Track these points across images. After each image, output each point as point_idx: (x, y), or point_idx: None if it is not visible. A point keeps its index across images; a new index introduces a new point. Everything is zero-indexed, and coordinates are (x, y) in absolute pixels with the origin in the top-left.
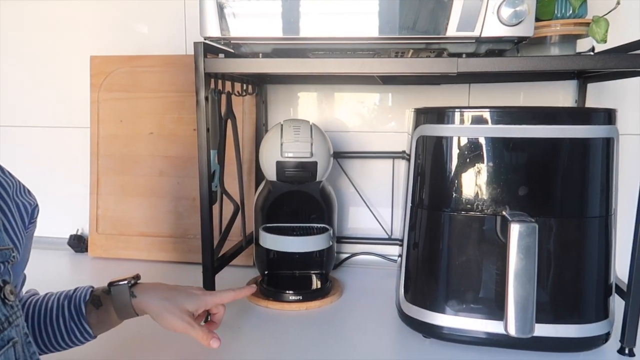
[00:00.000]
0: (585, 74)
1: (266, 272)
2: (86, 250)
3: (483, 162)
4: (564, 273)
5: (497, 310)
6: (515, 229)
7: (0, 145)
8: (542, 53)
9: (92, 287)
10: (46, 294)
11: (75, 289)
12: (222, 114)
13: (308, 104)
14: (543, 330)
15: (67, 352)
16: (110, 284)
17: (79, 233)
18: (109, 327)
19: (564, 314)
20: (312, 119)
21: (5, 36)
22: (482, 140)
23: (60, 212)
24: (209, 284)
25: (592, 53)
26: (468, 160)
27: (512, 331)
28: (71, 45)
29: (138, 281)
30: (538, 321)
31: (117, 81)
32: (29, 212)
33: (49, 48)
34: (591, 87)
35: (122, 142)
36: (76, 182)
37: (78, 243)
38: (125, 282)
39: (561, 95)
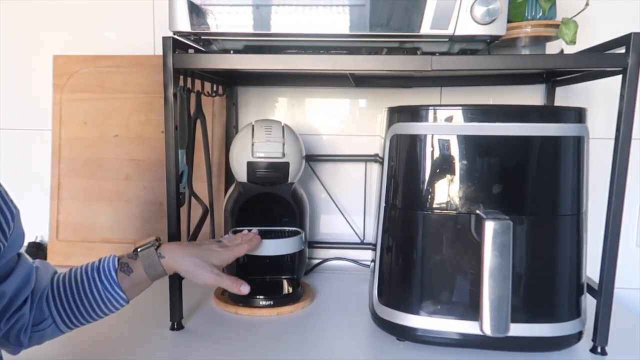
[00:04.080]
0: (554, 77)
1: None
2: (45, 259)
3: (457, 160)
4: (537, 272)
5: (471, 311)
6: (489, 227)
7: None
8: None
9: (116, 255)
10: (70, 270)
11: (100, 260)
12: (191, 113)
13: (280, 107)
14: (517, 330)
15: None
16: (136, 249)
17: (38, 240)
18: (142, 289)
19: (538, 313)
20: (284, 121)
21: None
22: (455, 138)
23: None
24: (175, 290)
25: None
26: (442, 158)
27: (488, 330)
28: (32, 44)
29: (160, 242)
30: (512, 321)
31: (81, 81)
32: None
33: (8, 47)
34: (559, 91)
35: (86, 145)
36: (35, 186)
37: (37, 251)
38: (150, 245)
39: (530, 99)
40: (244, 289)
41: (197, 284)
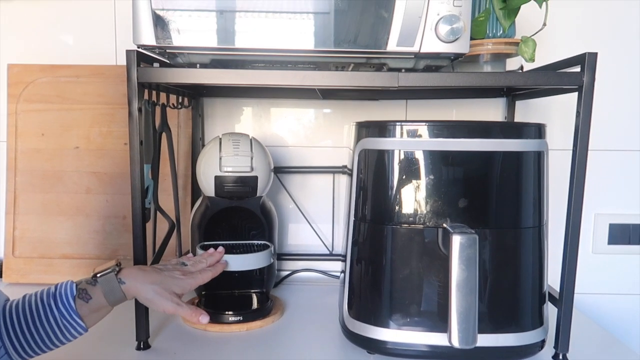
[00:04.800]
0: (514, 92)
1: (203, 292)
2: (0, 276)
3: (424, 175)
4: (501, 283)
5: (439, 323)
6: (456, 241)
7: None
8: (475, 70)
9: (73, 281)
10: (24, 296)
11: (56, 286)
12: (157, 126)
13: (246, 118)
14: (483, 340)
15: None
16: (95, 275)
17: None
18: (102, 316)
19: (503, 323)
20: (251, 133)
21: None
22: (422, 154)
23: None
24: (141, 307)
25: (521, 71)
26: (409, 173)
27: (456, 342)
28: None
29: (120, 266)
30: (478, 331)
31: (38, 91)
32: None
33: None
34: (519, 104)
35: (44, 157)
36: None
37: None
38: (110, 270)
39: (491, 111)
40: (203, 319)
41: (157, 310)
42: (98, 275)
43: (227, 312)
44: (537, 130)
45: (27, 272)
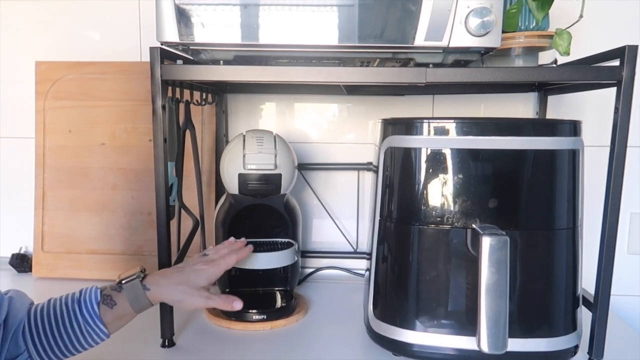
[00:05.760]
0: (546, 87)
1: (227, 290)
2: (30, 270)
3: (452, 174)
4: (532, 286)
5: (468, 326)
6: (486, 243)
7: None
8: (506, 64)
9: (98, 287)
10: (49, 300)
11: (80, 291)
12: (180, 123)
13: (270, 114)
14: (514, 344)
15: None
16: (120, 281)
17: (22, 252)
18: (125, 323)
19: (534, 327)
20: (275, 129)
21: None
22: (450, 152)
23: (1, 229)
24: (166, 305)
25: (554, 65)
26: (437, 172)
27: (485, 347)
28: (14, 49)
29: (145, 272)
30: (509, 336)
31: (65, 89)
32: None
33: None
34: (551, 99)
35: (71, 154)
36: (19, 196)
37: (21, 262)
38: (135, 276)
39: (521, 107)
40: (237, 304)
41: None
42: (123, 281)
43: (251, 311)
44: (572, 128)
45: (55, 267)
